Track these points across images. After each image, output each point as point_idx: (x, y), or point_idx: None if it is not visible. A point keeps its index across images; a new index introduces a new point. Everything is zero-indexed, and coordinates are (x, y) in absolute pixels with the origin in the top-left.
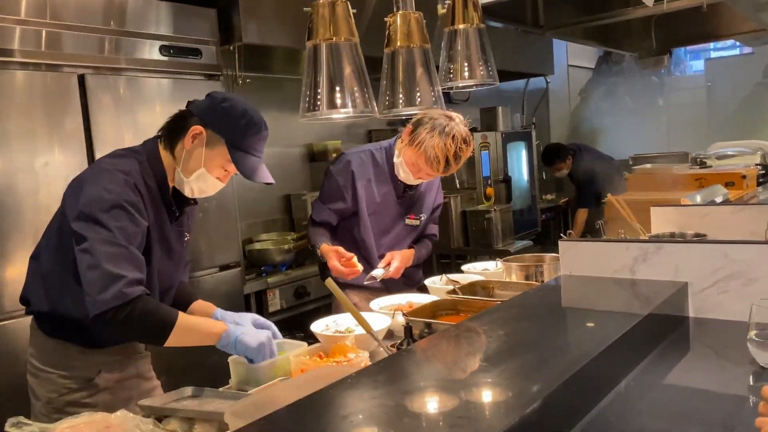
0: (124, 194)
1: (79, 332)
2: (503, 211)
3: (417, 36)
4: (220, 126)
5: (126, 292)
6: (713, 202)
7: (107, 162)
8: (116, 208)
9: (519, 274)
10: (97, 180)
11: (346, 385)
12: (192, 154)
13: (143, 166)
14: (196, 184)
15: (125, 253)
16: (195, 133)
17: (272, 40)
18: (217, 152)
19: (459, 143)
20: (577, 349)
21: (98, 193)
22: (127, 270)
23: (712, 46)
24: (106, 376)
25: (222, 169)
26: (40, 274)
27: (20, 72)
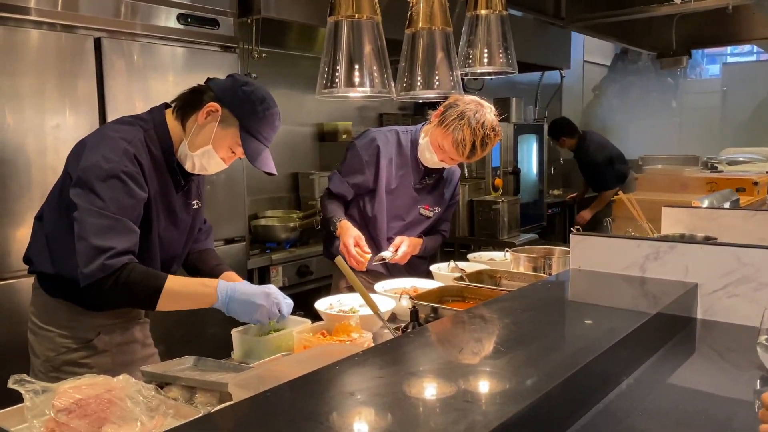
0: (121, 164)
1: (80, 293)
2: (511, 203)
3: (439, 18)
4: (237, 108)
5: (109, 264)
6: (724, 206)
7: (111, 128)
8: (113, 178)
9: (527, 266)
10: (98, 147)
11: (353, 363)
12: (203, 129)
13: (149, 134)
14: (199, 159)
15: (114, 224)
16: (210, 109)
17: (290, 15)
18: (229, 133)
19: (488, 129)
20: (584, 343)
21: (96, 161)
22: (113, 241)
23: (729, 50)
24: (105, 339)
25: (229, 150)
26: (43, 235)
27: (35, 31)
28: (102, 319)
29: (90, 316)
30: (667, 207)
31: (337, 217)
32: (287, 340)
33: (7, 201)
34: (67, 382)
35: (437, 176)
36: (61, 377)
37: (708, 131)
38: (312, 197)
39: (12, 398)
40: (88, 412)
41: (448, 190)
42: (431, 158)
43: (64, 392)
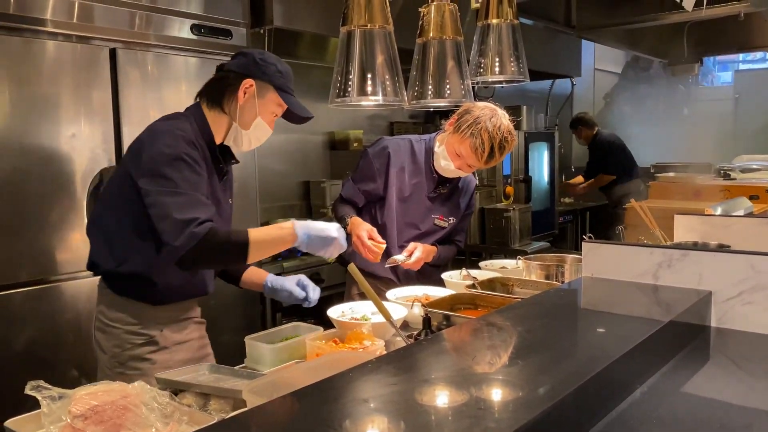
0: (182, 148)
1: (144, 290)
2: (522, 211)
3: (450, 28)
4: (267, 76)
5: (196, 232)
6: (738, 214)
7: (162, 124)
8: (177, 160)
9: (539, 273)
10: (156, 139)
11: (367, 370)
12: (245, 106)
13: (193, 126)
14: (254, 133)
15: (190, 199)
16: (246, 86)
17: (302, 25)
18: (268, 99)
19: (505, 133)
20: (597, 351)
21: (159, 149)
22: (195, 212)
23: (741, 57)
24: (167, 335)
25: (272, 114)
26: (103, 238)
27: (51, 42)
28: (164, 314)
29: (153, 312)
30: (679, 215)
31: (346, 216)
32: (299, 348)
33: (23, 209)
34: (83, 389)
35: (452, 186)
36: (126, 373)
37: (720, 139)
38: (323, 205)
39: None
40: (104, 418)
41: (463, 200)
42: (447, 166)
43: (80, 399)
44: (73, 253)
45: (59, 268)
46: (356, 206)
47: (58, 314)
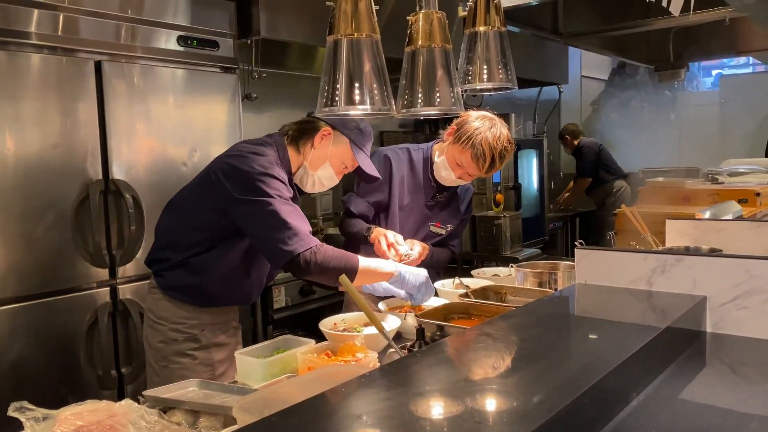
0: (272, 168)
1: (192, 293)
2: (512, 218)
3: (439, 36)
4: (344, 128)
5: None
6: (728, 218)
7: (249, 147)
8: (271, 178)
9: (532, 281)
10: (246, 160)
11: (360, 384)
12: (319, 151)
13: (275, 154)
14: (319, 177)
15: (294, 210)
16: (325, 133)
17: (289, 35)
18: (342, 150)
19: (504, 143)
20: (594, 360)
21: (252, 168)
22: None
23: (725, 63)
24: (207, 335)
25: (342, 165)
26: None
27: (36, 55)
28: (205, 317)
29: (197, 313)
30: (670, 219)
31: (369, 230)
32: (291, 362)
33: (8, 223)
34: (68, 409)
35: (450, 193)
36: (169, 366)
37: (707, 143)
38: (314, 215)
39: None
40: None
41: (462, 206)
42: (448, 176)
43: (65, 419)
44: (59, 269)
45: (45, 283)
46: (367, 220)
47: (45, 331)
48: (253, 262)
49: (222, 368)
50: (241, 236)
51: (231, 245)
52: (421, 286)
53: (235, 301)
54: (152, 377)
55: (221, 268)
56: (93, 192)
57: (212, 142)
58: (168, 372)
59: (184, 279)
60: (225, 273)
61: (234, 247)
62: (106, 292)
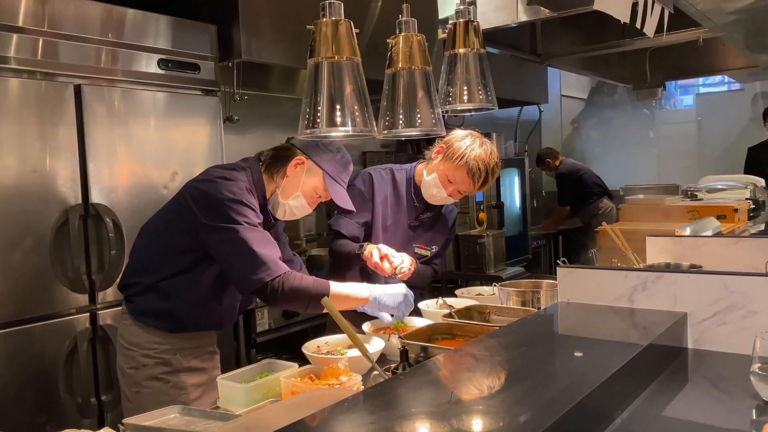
0: (241, 194)
1: (162, 319)
2: (496, 237)
3: (419, 58)
4: (319, 157)
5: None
6: (707, 234)
7: (220, 171)
8: (240, 204)
9: (515, 300)
10: (215, 185)
11: (344, 408)
12: (292, 179)
13: (249, 179)
14: (290, 206)
15: (263, 235)
16: (298, 162)
17: (271, 57)
18: (315, 180)
19: (495, 158)
20: (577, 378)
21: (221, 194)
22: (270, 250)
23: (701, 81)
24: (180, 359)
25: (314, 194)
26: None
27: (15, 80)
28: (177, 341)
29: (168, 338)
30: (651, 236)
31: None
32: (274, 386)
33: None
34: None
35: (434, 214)
36: (141, 392)
37: (686, 160)
38: (297, 237)
39: None
40: None
41: (446, 226)
42: (439, 193)
43: None
44: (37, 294)
45: (23, 310)
46: (357, 241)
47: (23, 358)
48: (225, 287)
49: (197, 393)
50: (211, 261)
51: (202, 270)
52: (400, 305)
53: (207, 326)
54: (126, 404)
55: (192, 293)
56: (72, 216)
57: (194, 165)
58: (140, 397)
59: (154, 304)
60: (196, 298)
61: (205, 273)
62: (86, 318)
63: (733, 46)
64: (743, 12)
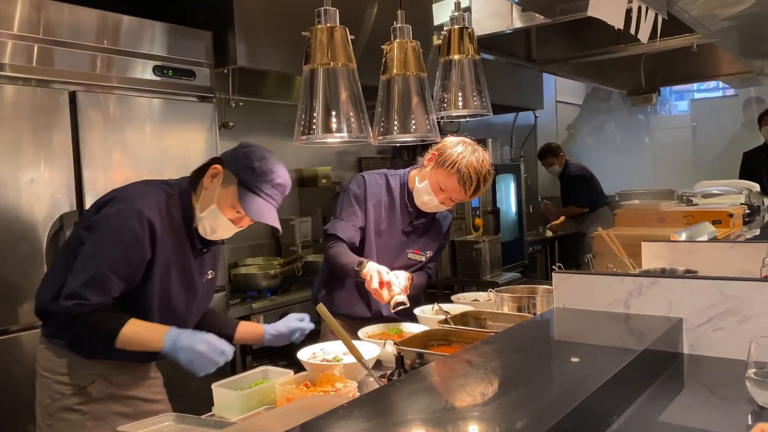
0: (130, 224)
1: (76, 343)
2: (492, 242)
3: (413, 64)
4: (235, 166)
5: (79, 310)
6: (702, 239)
7: (135, 188)
8: (117, 235)
9: (511, 306)
10: (117, 203)
11: (338, 416)
12: (208, 191)
13: (172, 199)
14: (208, 221)
15: (100, 277)
16: (213, 171)
17: (266, 64)
18: (230, 191)
19: (488, 166)
20: (574, 384)
21: (110, 214)
22: (92, 294)
23: (695, 87)
24: (100, 388)
25: (234, 210)
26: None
27: (9, 86)
28: (100, 368)
29: (87, 364)
30: (646, 242)
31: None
32: (269, 393)
33: None
34: None
35: (428, 219)
36: (55, 424)
37: (681, 165)
38: (293, 243)
39: None
40: None
41: (440, 232)
42: (431, 201)
43: None
44: (31, 302)
45: (18, 318)
46: (354, 246)
47: (17, 366)
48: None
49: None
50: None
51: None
52: (190, 357)
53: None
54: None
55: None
56: (67, 223)
57: (189, 171)
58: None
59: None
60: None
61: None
62: None
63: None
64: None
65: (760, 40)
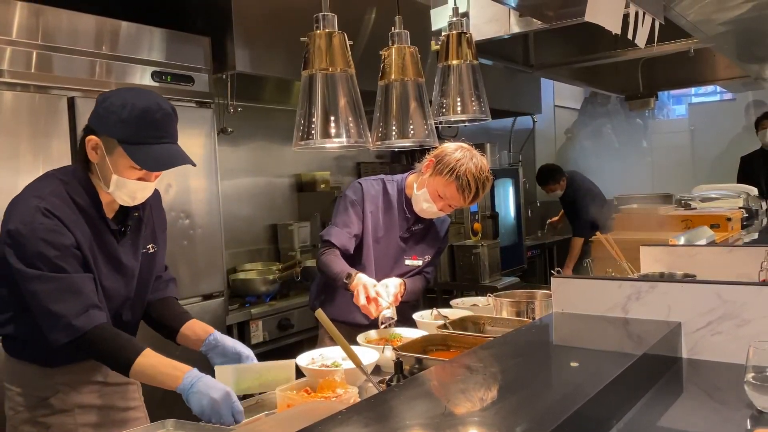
0: (36, 221)
1: (35, 352)
2: (491, 247)
3: (411, 70)
4: (106, 128)
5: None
6: (701, 243)
7: (27, 188)
8: (35, 239)
9: (510, 311)
10: (12, 213)
11: (337, 422)
12: (100, 165)
13: (70, 185)
14: (119, 191)
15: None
16: (92, 145)
17: (265, 69)
18: (118, 155)
19: (486, 172)
20: (573, 389)
21: (16, 228)
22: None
23: (693, 91)
24: (64, 398)
25: (134, 169)
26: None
27: (8, 92)
28: (61, 377)
29: (48, 374)
30: (645, 246)
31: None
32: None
33: None
34: None
35: (426, 224)
36: None
37: (679, 169)
38: (291, 248)
39: None
40: None
41: (438, 236)
42: (430, 208)
43: None
44: None
45: None
46: (348, 253)
47: None
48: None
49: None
50: None
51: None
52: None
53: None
54: None
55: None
56: None
57: (188, 177)
58: None
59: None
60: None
61: None
62: None
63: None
64: (733, 23)
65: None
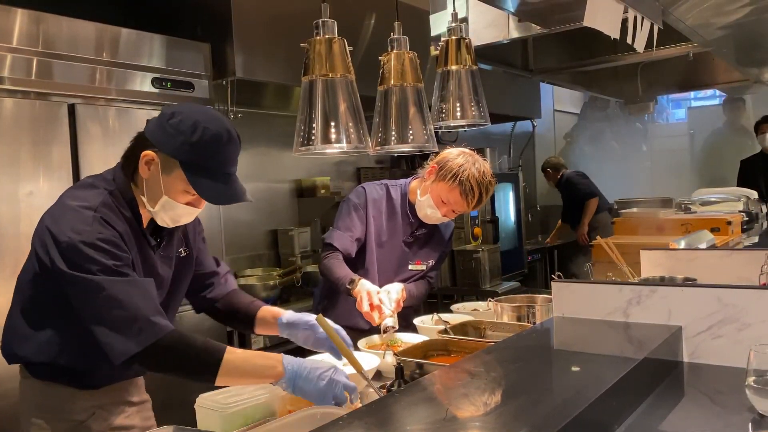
0: (95, 232)
1: (68, 375)
2: (491, 251)
3: (410, 75)
4: (171, 147)
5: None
6: (701, 247)
7: (70, 196)
8: (92, 249)
9: (511, 315)
10: (62, 223)
11: (337, 427)
12: (150, 182)
13: (115, 195)
14: (165, 213)
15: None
16: (147, 159)
17: (265, 75)
18: (175, 177)
19: (489, 177)
20: (574, 393)
21: (68, 240)
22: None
23: (692, 95)
24: (101, 421)
25: (189, 194)
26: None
27: (8, 99)
28: (98, 398)
29: (84, 396)
30: (645, 250)
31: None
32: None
33: None
34: None
35: (429, 229)
36: None
37: (679, 173)
38: (292, 253)
39: None
40: None
41: (442, 240)
42: (434, 214)
43: None
44: None
45: None
46: (350, 257)
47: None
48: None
49: None
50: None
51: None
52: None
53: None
54: None
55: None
56: None
57: None
58: None
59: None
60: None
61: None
62: None
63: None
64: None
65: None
